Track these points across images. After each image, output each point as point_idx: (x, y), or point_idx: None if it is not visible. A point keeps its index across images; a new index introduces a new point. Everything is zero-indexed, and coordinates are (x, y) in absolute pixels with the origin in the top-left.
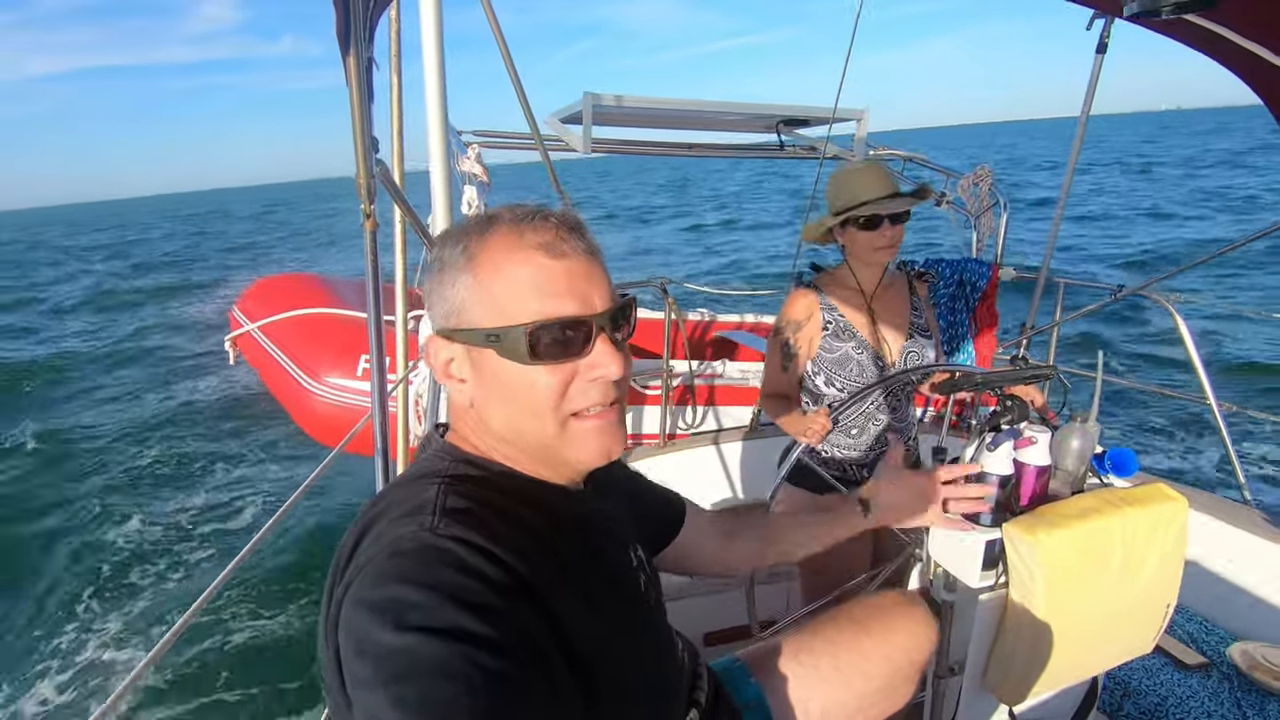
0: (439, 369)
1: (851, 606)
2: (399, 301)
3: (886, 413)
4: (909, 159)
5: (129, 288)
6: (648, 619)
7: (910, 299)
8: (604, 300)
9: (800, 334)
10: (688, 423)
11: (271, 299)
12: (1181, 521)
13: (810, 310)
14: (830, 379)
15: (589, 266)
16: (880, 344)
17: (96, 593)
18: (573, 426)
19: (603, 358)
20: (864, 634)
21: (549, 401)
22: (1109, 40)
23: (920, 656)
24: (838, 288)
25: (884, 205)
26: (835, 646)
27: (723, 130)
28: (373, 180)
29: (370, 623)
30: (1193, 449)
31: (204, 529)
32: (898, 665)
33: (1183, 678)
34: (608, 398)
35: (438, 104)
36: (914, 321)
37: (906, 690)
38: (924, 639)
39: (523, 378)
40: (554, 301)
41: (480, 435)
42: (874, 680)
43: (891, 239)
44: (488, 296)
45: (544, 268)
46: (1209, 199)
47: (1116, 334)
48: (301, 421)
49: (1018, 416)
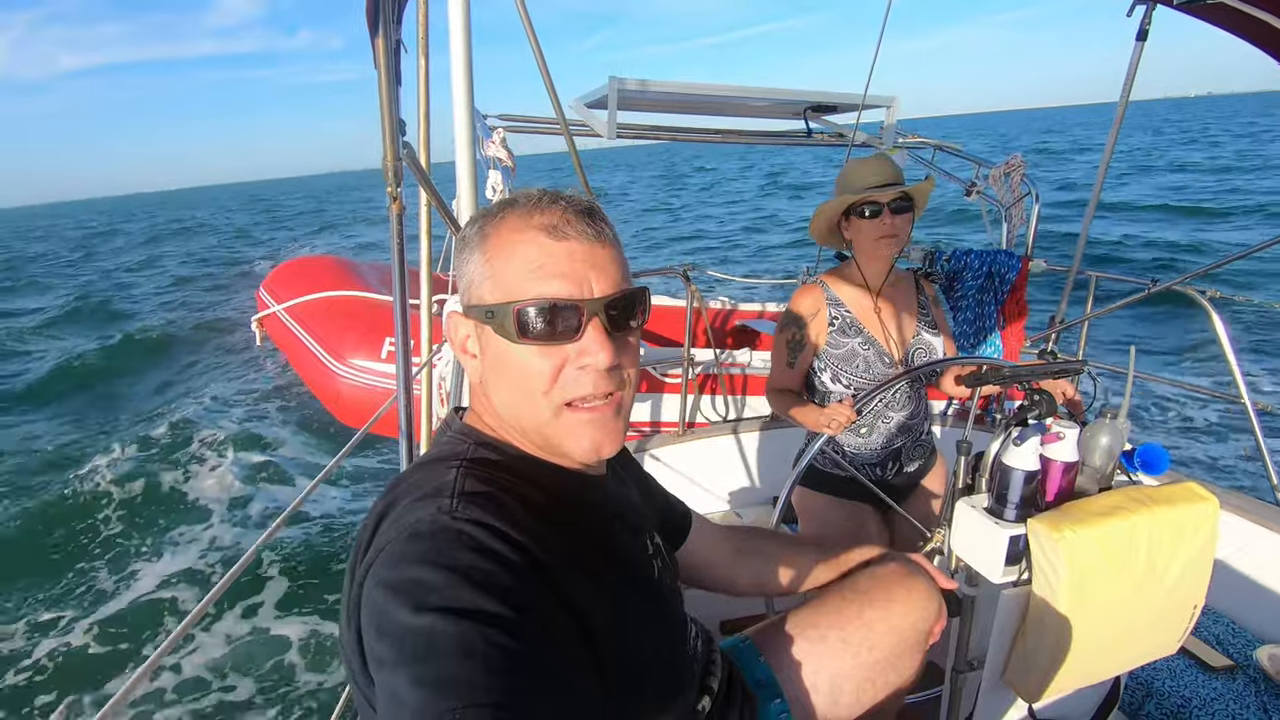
0: (458, 344)
1: (856, 578)
2: (424, 285)
3: (897, 410)
4: (940, 147)
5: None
6: (662, 605)
7: (918, 296)
8: (605, 287)
9: (806, 329)
10: (708, 412)
11: (297, 281)
12: (1212, 522)
13: (816, 306)
14: (836, 375)
15: (591, 250)
16: (887, 340)
17: (115, 572)
18: (565, 416)
19: (593, 345)
20: (868, 605)
21: (540, 385)
22: (1149, 27)
23: (924, 625)
24: (844, 284)
25: (882, 191)
26: (840, 619)
27: (749, 116)
28: (399, 163)
29: (390, 603)
30: (1225, 448)
31: (229, 510)
32: (902, 635)
33: (1207, 680)
34: (600, 389)
35: (464, 87)
36: (922, 318)
37: (913, 660)
38: (926, 607)
39: (517, 357)
40: (546, 282)
41: (492, 415)
42: (880, 651)
43: (893, 228)
44: (492, 274)
45: (544, 248)
46: None
47: (1149, 329)
48: (327, 403)
49: (1045, 411)
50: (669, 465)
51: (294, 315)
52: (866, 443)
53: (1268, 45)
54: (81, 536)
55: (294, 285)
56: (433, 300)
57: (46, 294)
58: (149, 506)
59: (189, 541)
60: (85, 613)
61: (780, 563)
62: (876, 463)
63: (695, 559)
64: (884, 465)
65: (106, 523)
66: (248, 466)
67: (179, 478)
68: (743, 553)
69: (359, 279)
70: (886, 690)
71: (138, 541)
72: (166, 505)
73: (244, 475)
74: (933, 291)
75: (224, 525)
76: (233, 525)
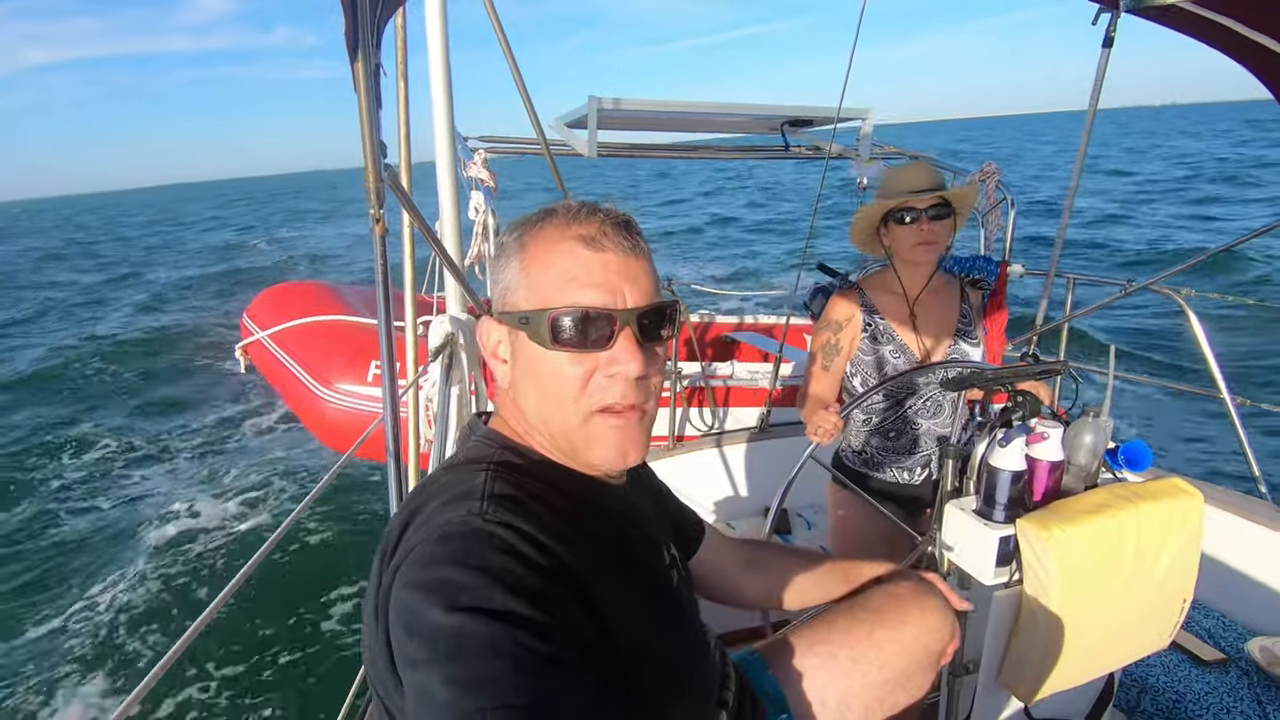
0: (489, 349)
1: (867, 596)
2: (408, 306)
3: (927, 417)
4: (915, 157)
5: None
6: (683, 616)
7: (961, 305)
8: (638, 298)
9: (840, 335)
10: (696, 424)
11: (281, 307)
12: (1197, 516)
13: (851, 312)
14: (866, 381)
15: (626, 262)
16: (920, 348)
17: (105, 600)
18: (593, 422)
19: (623, 354)
20: (879, 624)
21: (570, 392)
22: (1115, 34)
23: (937, 645)
24: (882, 291)
25: (918, 198)
26: (851, 637)
27: (728, 132)
28: (381, 185)
29: (421, 603)
30: (1207, 443)
31: (215, 535)
32: (914, 655)
33: (1200, 674)
34: (628, 398)
35: (444, 110)
36: (961, 327)
37: (924, 680)
38: (939, 628)
39: (549, 364)
40: (582, 291)
41: (519, 419)
42: (890, 670)
43: (930, 234)
44: (528, 281)
45: (580, 258)
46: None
47: (1128, 329)
48: (313, 428)
49: (1029, 412)
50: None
51: (278, 341)
52: (895, 446)
53: (1230, 50)
54: (52, 558)
55: (277, 311)
56: (418, 322)
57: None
58: (127, 533)
59: (169, 572)
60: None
61: (790, 576)
62: (905, 467)
63: (704, 569)
64: (912, 470)
65: (79, 547)
66: (229, 495)
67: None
68: (752, 565)
69: (343, 303)
70: (894, 709)
71: (115, 569)
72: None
73: (226, 503)
74: (978, 300)
75: (208, 555)
76: (218, 554)
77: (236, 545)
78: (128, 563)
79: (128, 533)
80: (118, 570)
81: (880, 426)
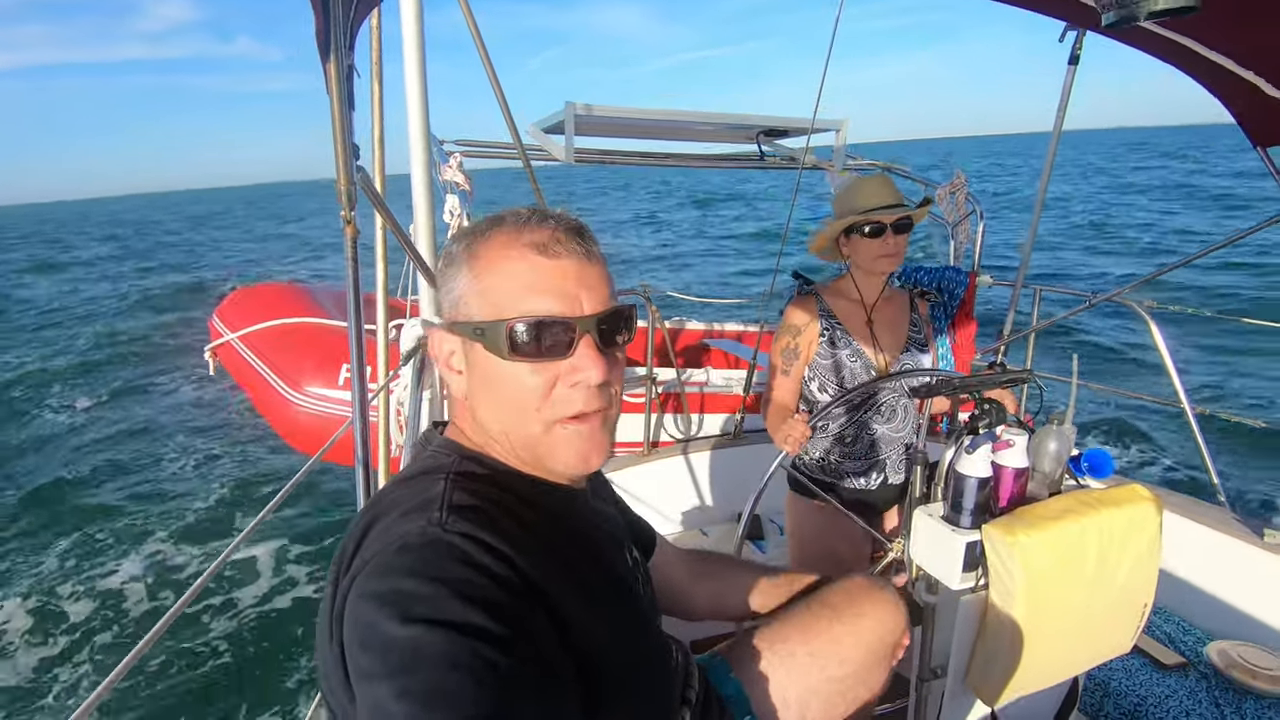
0: (441, 359)
1: (824, 593)
2: (380, 310)
3: (882, 422)
4: (888, 168)
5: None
6: (646, 620)
7: (910, 315)
8: (595, 304)
9: (799, 339)
10: (670, 430)
11: (251, 308)
12: (1156, 521)
13: (809, 317)
14: (824, 385)
15: (582, 268)
16: (876, 354)
17: (70, 596)
18: (555, 431)
19: (584, 361)
20: (836, 620)
21: (532, 402)
22: (1080, 52)
23: (892, 638)
24: (838, 298)
25: (887, 213)
26: (809, 634)
27: (704, 141)
28: (353, 187)
29: (376, 615)
30: (1167, 451)
31: (181, 538)
32: (871, 648)
33: (1161, 677)
34: (591, 404)
35: (419, 112)
36: (912, 336)
37: (881, 673)
38: (894, 620)
39: (508, 374)
40: (539, 300)
41: (476, 429)
42: (849, 665)
43: (895, 247)
44: (481, 290)
45: (535, 266)
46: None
47: (1093, 339)
48: (282, 432)
49: (995, 420)
50: (635, 484)
51: (248, 343)
52: (852, 452)
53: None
54: (25, 556)
55: (248, 313)
56: (390, 325)
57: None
58: (96, 533)
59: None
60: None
61: (736, 586)
62: (860, 472)
63: (658, 576)
64: (867, 475)
65: (49, 546)
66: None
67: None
68: (698, 576)
69: (315, 305)
70: (855, 705)
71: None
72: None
73: (193, 506)
74: (925, 310)
75: (173, 555)
76: (182, 555)
77: (198, 550)
78: (84, 571)
79: (85, 540)
80: (74, 579)
81: (839, 433)
